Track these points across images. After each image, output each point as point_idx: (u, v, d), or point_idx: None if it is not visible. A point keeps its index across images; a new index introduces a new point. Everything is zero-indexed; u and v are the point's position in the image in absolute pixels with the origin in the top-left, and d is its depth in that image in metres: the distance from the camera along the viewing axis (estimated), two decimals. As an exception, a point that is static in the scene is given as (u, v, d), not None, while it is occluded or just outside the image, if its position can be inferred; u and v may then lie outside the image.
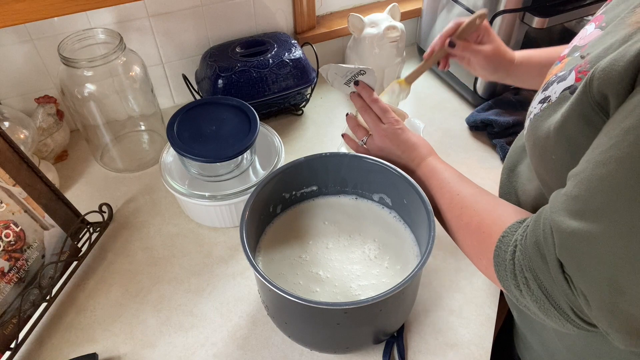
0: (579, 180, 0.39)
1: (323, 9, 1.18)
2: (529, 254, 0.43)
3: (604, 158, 0.36)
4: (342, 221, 0.72)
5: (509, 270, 0.45)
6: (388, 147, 0.67)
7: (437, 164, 0.64)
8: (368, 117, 0.68)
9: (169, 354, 0.68)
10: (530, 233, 0.43)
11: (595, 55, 0.42)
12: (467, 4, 0.99)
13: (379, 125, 0.67)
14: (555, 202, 0.41)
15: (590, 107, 0.39)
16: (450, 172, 0.62)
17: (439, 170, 0.63)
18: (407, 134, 0.67)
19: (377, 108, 0.68)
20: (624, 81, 0.36)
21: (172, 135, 0.78)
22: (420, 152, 0.66)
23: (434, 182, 0.62)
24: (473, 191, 0.57)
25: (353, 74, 0.69)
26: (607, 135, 0.37)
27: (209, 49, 1.02)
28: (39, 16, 0.66)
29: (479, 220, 0.53)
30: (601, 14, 0.48)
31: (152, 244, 0.82)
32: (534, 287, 0.43)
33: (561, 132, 0.43)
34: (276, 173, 0.68)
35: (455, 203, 0.58)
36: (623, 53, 0.36)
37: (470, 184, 0.59)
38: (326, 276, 0.65)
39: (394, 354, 0.66)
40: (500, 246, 0.47)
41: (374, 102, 0.68)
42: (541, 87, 0.50)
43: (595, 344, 0.52)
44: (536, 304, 0.43)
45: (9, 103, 0.95)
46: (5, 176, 0.68)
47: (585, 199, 0.37)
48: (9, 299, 0.67)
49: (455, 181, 0.60)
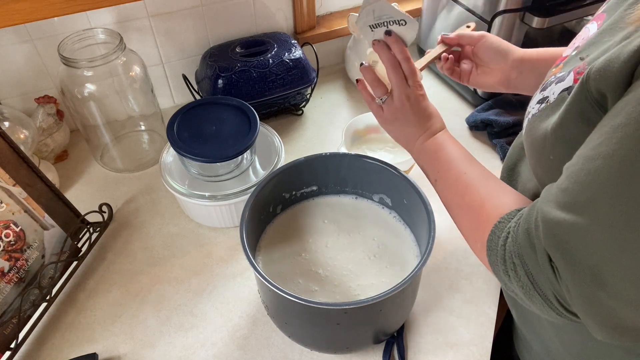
0: (569, 173, 0.40)
1: (323, 9, 1.18)
2: (519, 241, 0.44)
3: (594, 153, 0.37)
4: (342, 220, 0.72)
5: (500, 255, 0.46)
6: (406, 112, 0.63)
7: (448, 139, 0.62)
8: (395, 74, 0.63)
9: (169, 354, 0.68)
10: (523, 221, 0.44)
11: (593, 57, 0.42)
12: (467, 4, 0.99)
13: (404, 86, 0.62)
14: (547, 193, 0.42)
15: (590, 105, 0.39)
16: (460, 150, 0.61)
17: (449, 145, 0.61)
18: (427, 101, 0.64)
19: (406, 67, 0.63)
20: (620, 80, 0.36)
21: (172, 135, 0.78)
22: (434, 122, 0.64)
23: (442, 155, 0.61)
24: (480, 173, 0.57)
25: (392, 19, 0.61)
26: (599, 131, 0.38)
27: (209, 49, 1.02)
28: (39, 16, 0.66)
29: (480, 203, 0.53)
30: (602, 12, 0.48)
31: (152, 244, 0.82)
32: (521, 274, 0.43)
33: (559, 132, 0.43)
34: (276, 173, 0.68)
35: (460, 181, 0.57)
36: (619, 52, 0.37)
37: (478, 165, 0.58)
38: (325, 275, 0.65)
39: (394, 354, 0.66)
40: (495, 231, 0.48)
41: (406, 60, 0.62)
42: (539, 87, 0.50)
43: (594, 344, 0.52)
44: (522, 290, 0.44)
45: (9, 103, 0.95)
46: (5, 176, 0.68)
47: (574, 191, 0.38)
48: (9, 299, 0.67)
49: (464, 159, 0.59)
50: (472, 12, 0.97)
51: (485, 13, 0.94)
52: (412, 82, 0.62)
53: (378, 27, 0.62)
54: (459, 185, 0.57)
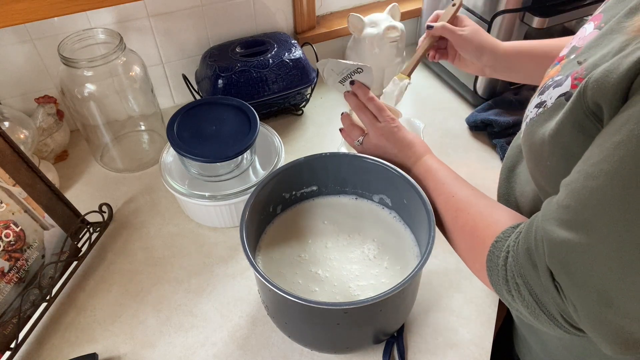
0: (570, 190, 0.39)
1: (323, 9, 1.18)
2: (520, 260, 0.43)
3: (595, 171, 0.36)
4: (342, 221, 0.72)
5: (501, 275, 0.46)
6: (384, 146, 0.67)
7: (432, 164, 0.63)
8: (364, 115, 0.68)
9: (169, 354, 0.68)
10: (522, 240, 0.43)
11: (591, 63, 0.41)
12: (467, 4, 0.99)
13: (375, 123, 0.67)
14: (547, 210, 0.41)
15: (585, 115, 0.39)
16: (446, 172, 0.62)
17: (434, 169, 0.62)
18: (403, 132, 0.67)
19: (372, 106, 0.67)
20: (617, 93, 0.36)
21: (172, 135, 0.78)
22: (416, 150, 0.65)
23: (429, 182, 0.62)
24: (468, 193, 0.57)
25: (350, 71, 0.69)
26: (599, 147, 0.37)
27: (209, 49, 1.02)
28: (39, 16, 0.66)
29: (473, 224, 0.53)
30: (600, 12, 0.48)
31: (152, 244, 0.82)
32: (524, 293, 0.43)
33: (556, 139, 0.43)
34: (276, 173, 0.68)
35: (450, 205, 0.58)
36: (617, 64, 0.36)
37: (465, 186, 0.59)
38: (325, 275, 0.65)
39: (394, 354, 0.66)
40: (494, 251, 0.47)
41: (370, 100, 0.67)
42: (537, 90, 0.50)
43: (594, 344, 0.52)
44: (527, 309, 0.44)
45: (9, 103, 0.95)
46: (5, 176, 0.68)
47: (576, 209, 0.38)
48: (9, 299, 0.67)
49: (450, 182, 0.60)
50: (472, 12, 0.97)
51: (485, 13, 0.94)
52: (382, 117, 0.67)
53: (345, 81, 0.70)
54: (449, 209, 0.58)
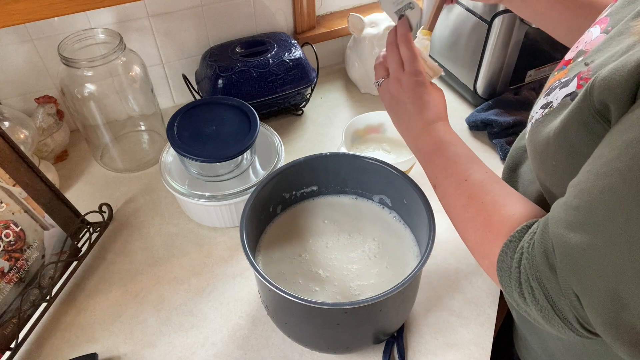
0: (579, 190, 0.38)
1: (323, 9, 1.18)
2: (536, 263, 0.41)
3: (606, 170, 0.36)
4: (342, 220, 0.72)
5: (514, 278, 0.44)
6: (400, 98, 0.59)
7: (444, 134, 0.56)
8: (391, 57, 0.60)
9: (169, 354, 0.68)
10: (538, 241, 0.42)
11: (598, 64, 0.41)
12: (467, 4, 0.99)
13: (398, 70, 0.60)
14: (556, 212, 0.40)
15: (591, 115, 0.39)
16: (459, 147, 0.55)
17: (445, 142, 0.55)
18: (424, 88, 0.58)
19: (405, 50, 0.59)
20: (625, 91, 0.35)
21: (172, 135, 0.78)
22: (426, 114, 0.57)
23: (439, 158, 0.55)
24: (482, 176, 0.52)
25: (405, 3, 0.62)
26: (610, 146, 0.36)
27: (209, 49, 1.02)
28: (39, 16, 0.66)
29: (486, 216, 0.49)
30: (606, 16, 0.48)
31: (152, 244, 0.82)
32: (539, 297, 0.41)
33: (561, 139, 0.42)
34: (276, 173, 0.68)
35: (462, 190, 0.52)
36: (624, 62, 0.36)
37: (479, 166, 0.53)
38: (325, 275, 0.65)
39: (394, 354, 0.66)
40: (506, 251, 0.45)
41: (405, 42, 0.59)
42: (543, 91, 0.50)
43: (594, 344, 0.52)
44: (540, 313, 0.42)
45: (9, 103, 0.95)
46: (5, 176, 0.68)
47: (586, 210, 0.37)
48: (9, 299, 0.67)
49: (464, 161, 0.54)
50: (472, 12, 0.97)
51: (485, 13, 0.94)
52: (409, 67, 0.59)
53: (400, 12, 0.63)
54: (460, 195, 0.52)
